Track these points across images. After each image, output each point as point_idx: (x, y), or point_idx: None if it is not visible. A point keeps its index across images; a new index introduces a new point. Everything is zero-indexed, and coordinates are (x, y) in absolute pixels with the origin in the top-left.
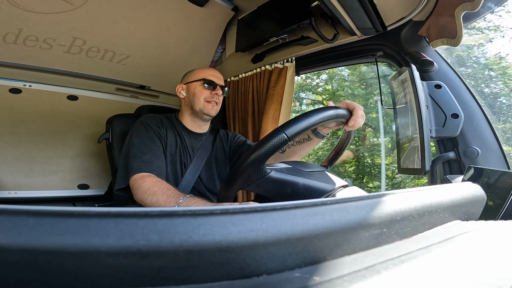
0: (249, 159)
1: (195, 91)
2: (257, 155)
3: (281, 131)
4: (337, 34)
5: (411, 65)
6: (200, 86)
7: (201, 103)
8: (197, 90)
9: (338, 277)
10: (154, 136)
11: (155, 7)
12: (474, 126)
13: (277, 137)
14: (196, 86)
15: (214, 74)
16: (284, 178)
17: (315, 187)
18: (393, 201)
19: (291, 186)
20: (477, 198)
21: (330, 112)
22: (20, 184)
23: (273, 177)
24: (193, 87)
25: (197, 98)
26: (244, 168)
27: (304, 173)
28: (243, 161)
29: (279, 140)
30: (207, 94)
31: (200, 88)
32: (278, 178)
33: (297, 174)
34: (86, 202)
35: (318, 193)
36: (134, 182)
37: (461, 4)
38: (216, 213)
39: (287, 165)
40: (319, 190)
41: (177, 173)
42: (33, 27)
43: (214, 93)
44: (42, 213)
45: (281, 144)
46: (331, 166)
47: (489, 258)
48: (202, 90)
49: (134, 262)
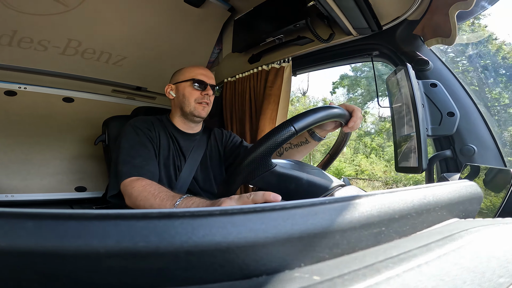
0: (257, 151)
1: (184, 92)
2: (266, 147)
3: (290, 124)
4: (333, 34)
5: (407, 64)
6: (189, 86)
7: (191, 105)
8: (187, 91)
9: (339, 276)
10: (144, 140)
11: (151, 8)
12: (470, 124)
13: (285, 130)
14: (185, 86)
15: (204, 73)
16: (288, 173)
17: (318, 184)
18: (391, 200)
19: (295, 181)
20: (474, 196)
21: (336, 110)
22: (16, 187)
23: (278, 171)
24: (182, 88)
25: (187, 100)
26: (251, 160)
27: (307, 170)
28: (250, 153)
29: (287, 133)
30: (197, 95)
31: (190, 89)
32: (284, 172)
33: (301, 170)
34: (83, 205)
35: (321, 189)
36: (124, 188)
37: (455, 3)
38: (216, 214)
39: (290, 162)
40: (322, 186)
41: (171, 177)
42: (27, 29)
43: (204, 93)
44: (41, 216)
45: (289, 137)
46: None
47: (488, 256)
48: (192, 91)
49: (134, 263)
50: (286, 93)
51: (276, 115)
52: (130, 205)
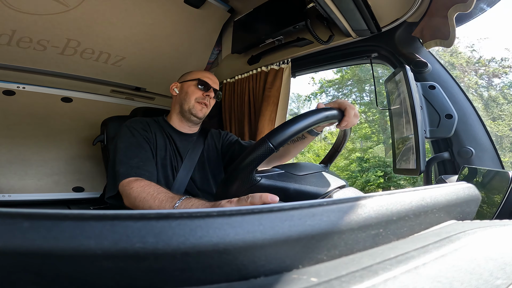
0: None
1: (188, 90)
2: (244, 166)
3: (267, 140)
4: (332, 36)
5: (405, 66)
6: (193, 86)
7: (191, 102)
8: (190, 89)
9: (336, 278)
10: (141, 140)
11: (151, 8)
12: (468, 126)
13: (263, 147)
14: (190, 85)
15: (210, 77)
16: (274, 185)
17: (306, 192)
18: (389, 202)
19: (282, 192)
20: (472, 198)
21: (319, 116)
22: (14, 187)
23: (263, 184)
24: (186, 86)
25: (189, 97)
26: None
27: (296, 178)
28: (232, 171)
29: (265, 150)
30: (199, 94)
31: (193, 88)
32: (269, 185)
33: (288, 179)
34: (81, 205)
35: (310, 197)
36: (122, 188)
37: (453, 5)
38: (213, 215)
39: (278, 170)
40: (310, 194)
41: (169, 177)
42: (26, 29)
43: (206, 94)
44: (37, 216)
45: (268, 154)
46: (331, 162)
47: (486, 257)
48: (195, 90)
49: (131, 265)
50: (285, 95)
51: (275, 117)
52: (128, 206)
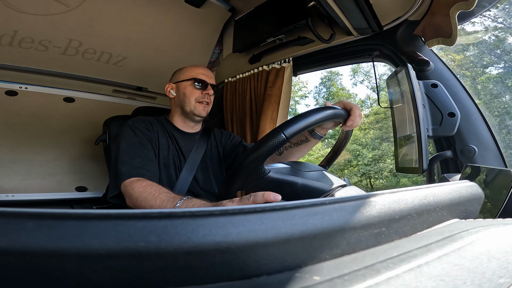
0: (248, 160)
1: (185, 91)
2: (256, 156)
3: (280, 131)
4: (334, 35)
5: (407, 65)
6: (190, 85)
7: (192, 103)
8: (188, 90)
9: (339, 277)
10: (143, 140)
11: (152, 8)
12: (470, 125)
13: (275, 138)
14: (186, 85)
15: (205, 72)
16: (282, 178)
17: (314, 187)
18: (392, 200)
19: (289, 186)
20: (474, 196)
21: (328, 112)
22: (17, 187)
23: (272, 177)
24: (183, 87)
25: (188, 99)
26: (242, 168)
27: (303, 173)
28: (242, 161)
29: (277, 140)
30: (198, 94)
31: (190, 88)
32: (277, 178)
33: (296, 174)
34: (84, 205)
35: (316, 193)
36: (124, 188)
37: (455, 4)
38: (216, 214)
39: (286, 165)
40: (318, 190)
41: (171, 177)
42: (28, 29)
43: (205, 93)
44: (41, 216)
45: (280, 144)
46: (329, 166)
47: (489, 256)
48: (193, 90)
49: (134, 264)
50: (287, 94)
51: (276, 116)
52: (130, 205)
